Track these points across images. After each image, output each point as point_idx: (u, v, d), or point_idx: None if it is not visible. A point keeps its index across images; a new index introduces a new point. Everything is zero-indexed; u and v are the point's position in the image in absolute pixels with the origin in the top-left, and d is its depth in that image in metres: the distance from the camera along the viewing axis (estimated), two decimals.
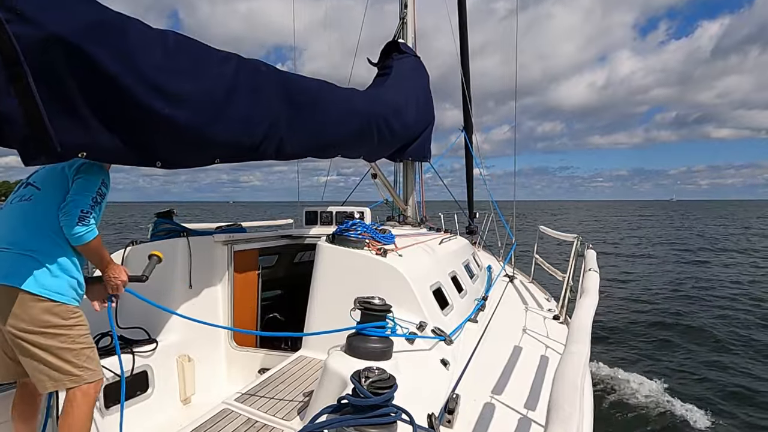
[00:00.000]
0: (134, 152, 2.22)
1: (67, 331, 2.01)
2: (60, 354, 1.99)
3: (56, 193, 2.09)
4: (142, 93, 2.08)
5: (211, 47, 2.54)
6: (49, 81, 1.73)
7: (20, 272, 1.94)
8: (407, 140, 5.00)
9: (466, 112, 7.15)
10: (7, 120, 1.63)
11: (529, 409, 2.16)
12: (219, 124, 2.51)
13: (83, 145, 1.93)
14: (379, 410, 1.39)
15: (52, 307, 1.97)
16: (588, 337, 1.42)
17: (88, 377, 2.04)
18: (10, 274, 1.94)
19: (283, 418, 2.04)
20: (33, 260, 1.97)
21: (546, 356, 2.95)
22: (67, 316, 2.01)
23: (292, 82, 3.10)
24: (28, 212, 2.09)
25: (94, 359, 2.08)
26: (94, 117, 1.96)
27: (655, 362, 7.40)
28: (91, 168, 2.15)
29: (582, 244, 4.34)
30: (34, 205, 2.09)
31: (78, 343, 2.03)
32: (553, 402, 1.02)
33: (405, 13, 5.87)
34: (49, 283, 1.97)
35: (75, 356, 2.02)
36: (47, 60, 1.70)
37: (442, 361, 2.31)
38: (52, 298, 1.97)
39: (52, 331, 1.98)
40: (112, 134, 2.06)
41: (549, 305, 4.80)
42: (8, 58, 1.57)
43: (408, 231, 4.61)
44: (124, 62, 1.98)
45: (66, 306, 2.01)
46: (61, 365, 2.00)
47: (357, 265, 2.73)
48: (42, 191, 2.12)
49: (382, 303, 2.03)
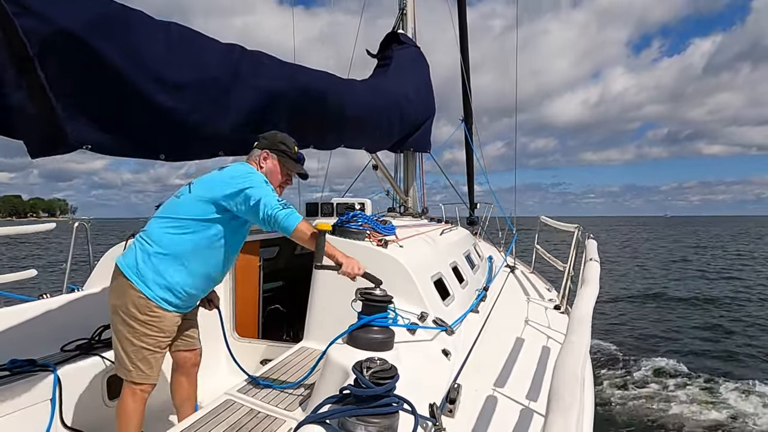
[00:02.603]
0: (138, 145, 2.23)
1: (137, 325, 2.06)
2: (122, 343, 2.08)
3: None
4: (146, 85, 2.08)
5: (212, 38, 2.52)
6: (56, 74, 1.72)
7: (131, 258, 2.08)
8: (409, 131, 4.98)
9: (466, 103, 7.11)
10: (18, 114, 1.63)
11: (530, 399, 2.17)
12: (221, 115, 2.51)
13: (89, 138, 1.94)
14: (380, 400, 1.40)
15: (136, 295, 2.04)
16: (588, 327, 1.42)
17: (136, 377, 2.09)
18: (125, 258, 2.11)
19: (285, 409, 2.05)
20: (146, 252, 2.07)
21: (547, 346, 2.96)
22: (144, 311, 2.05)
23: (294, 73, 3.09)
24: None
25: (151, 363, 2.11)
26: (99, 110, 1.97)
27: (657, 351, 7.43)
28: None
29: (582, 234, 4.34)
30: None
31: (140, 341, 2.07)
32: (554, 392, 1.03)
33: (404, 4, 5.82)
34: (145, 275, 2.05)
35: (133, 351, 2.07)
36: (54, 53, 1.70)
37: (444, 351, 2.32)
38: (138, 287, 2.04)
39: (127, 318, 2.05)
40: (116, 127, 2.07)
41: (550, 295, 4.81)
42: (18, 52, 1.57)
43: (409, 222, 4.61)
44: (129, 55, 1.98)
45: (147, 301, 2.05)
46: (120, 353, 2.09)
47: (358, 256, 2.74)
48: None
49: (384, 294, 2.03)
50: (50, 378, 2.26)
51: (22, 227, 4.27)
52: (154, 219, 2.15)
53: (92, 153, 2.07)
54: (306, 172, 2.43)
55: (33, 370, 2.26)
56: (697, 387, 5.96)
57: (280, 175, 2.31)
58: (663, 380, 6.18)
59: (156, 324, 2.07)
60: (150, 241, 2.09)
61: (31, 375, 2.23)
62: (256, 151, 2.31)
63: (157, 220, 2.14)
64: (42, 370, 2.27)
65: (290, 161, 2.32)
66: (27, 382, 2.19)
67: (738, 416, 5.18)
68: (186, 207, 2.11)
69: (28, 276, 4.38)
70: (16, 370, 2.22)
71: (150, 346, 2.08)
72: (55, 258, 20.09)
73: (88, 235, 4.19)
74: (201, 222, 2.09)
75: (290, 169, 2.33)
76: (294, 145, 2.34)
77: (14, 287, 3.99)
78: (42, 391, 2.23)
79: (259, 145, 2.31)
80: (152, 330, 2.07)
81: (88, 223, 4.25)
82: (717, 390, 5.85)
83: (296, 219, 2.07)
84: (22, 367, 2.24)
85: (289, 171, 2.33)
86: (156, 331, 2.08)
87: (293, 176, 2.40)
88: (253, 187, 2.05)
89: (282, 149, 2.30)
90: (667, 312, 10.27)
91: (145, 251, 2.08)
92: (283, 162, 2.30)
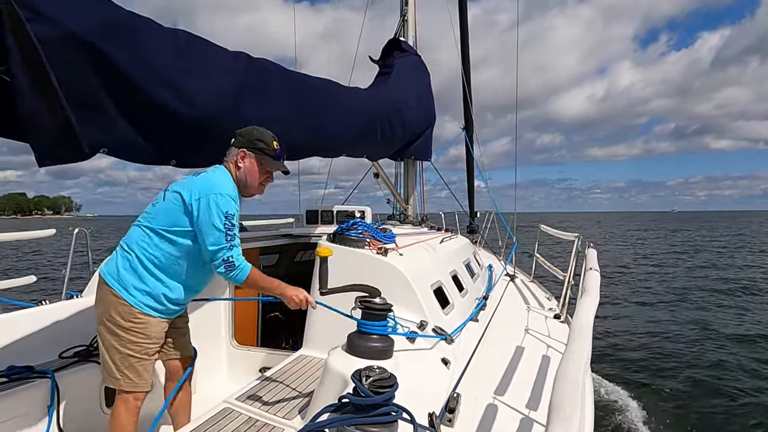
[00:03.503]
0: (149, 151, 2.24)
1: (122, 332, 2.04)
2: (109, 351, 2.07)
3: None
4: (157, 91, 2.10)
5: (219, 46, 2.55)
6: (69, 80, 1.73)
7: (112, 266, 2.08)
8: (410, 139, 5.00)
9: (467, 111, 7.13)
10: (32, 120, 1.63)
11: (530, 409, 2.16)
12: (230, 122, 2.52)
13: (102, 144, 1.95)
14: (380, 409, 1.39)
15: (118, 303, 2.02)
16: (589, 337, 1.42)
17: (124, 385, 2.07)
18: (106, 266, 2.11)
19: (284, 417, 2.04)
20: (126, 259, 2.07)
21: (547, 356, 2.95)
22: (127, 318, 2.03)
23: (298, 81, 3.11)
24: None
25: (138, 370, 2.08)
26: (110, 116, 1.98)
27: (659, 362, 7.39)
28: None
29: (582, 243, 4.33)
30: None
31: (126, 348, 2.05)
32: (554, 401, 1.02)
33: (406, 11, 5.85)
34: (125, 282, 2.03)
35: (120, 359, 2.05)
36: (66, 58, 1.71)
37: (443, 360, 2.31)
38: (119, 294, 2.02)
39: (111, 326, 2.04)
40: (128, 133, 2.08)
41: (550, 304, 4.80)
42: (30, 57, 1.57)
43: (409, 230, 4.61)
44: (139, 61, 1.99)
45: (130, 308, 2.03)
46: (108, 362, 2.07)
47: (358, 264, 2.73)
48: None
49: (383, 302, 2.03)
50: (48, 385, 2.25)
51: (21, 233, 4.26)
52: (134, 226, 2.12)
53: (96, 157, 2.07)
54: (286, 169, 2.34)
55: (31, 376, 2.24)
56: (700, 396, 5.93)
57: (259, 174, 2.23)
58: (665, 389, 6.15)
59: (140, 330, 2.05)
60: (129, 249, 2.07)
61: (29, 382, 2.21)
62: (233, 149, 2.22)
63: (135, 227, 2.11)
64: (40, 377, 2.25)
65: (268, 159, 2.22)
66: (24, 389, 2.18)
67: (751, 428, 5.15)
68: (161, 215, 2.06)
69: (27, 282, 4.38)
70: (13, 377, 2.20)
71: (136, 353, 2.06)
72: (55, 263, 20.05)
73: (87, 242, 4.19)
74: (173, 232, 2.04)
75: (269, 167, 2.24)
76: (273, 141, 2.24)
77: (13, 293, 3.98)
78: (39, 398, 2.22)
79: (236, 143, 2.22)
80: (137, 336, 2.05)
81: (88, 229, 4.25)
82: (724, 402, 5.82)
83: (239, 279, 2.06)
84: (20, 373, 2.23)
85: (267, 169, 2.25)
86: (142, 338, 2.06)
87: (274, 173, 2.32)
88: (205, 223, 1.99)
89: (260, 147, 2.20)
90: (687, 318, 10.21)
91: (125, 258, 2.06)
92: (260, 160, 2.21)
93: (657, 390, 6.16)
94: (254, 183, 2.22)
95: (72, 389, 2.36)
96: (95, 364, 2.52)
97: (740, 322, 9.70)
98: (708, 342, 8.35)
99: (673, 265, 19.88)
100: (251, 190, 2.24)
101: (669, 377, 6.65)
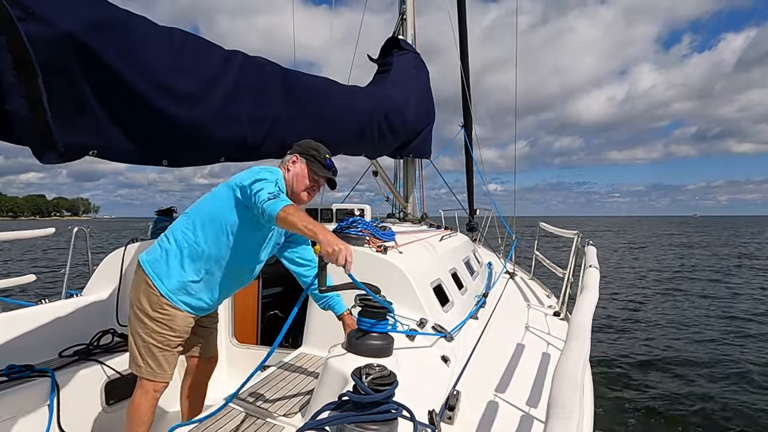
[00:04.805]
0: (141, 151, 2.23)
1: (147, 321, 2.07)
2: (135, 337, 2.10)
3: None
4: (150, 91, 2.08)
5: (215, 44, 2.54)
6: (60, 80, 1.72)
7: (152, 254, 2.13)
8: (409, 137, 5.00)
9: (466, 109, 7.12)
10: (17, 119, 1.62)
11: (530, 406, 2.16)
12: (224, 121, 2.51)
13: (92, 144, 1.94)
14: (380, 407, 1.39)
15: (149, 290, 2.06)
16: (588, 334, 1.42)
17: (146, 374, 2.09)
18: (147, 254, 2.15)
19: (284, 415, 2.04)
20: (165, 249, 2.11)
21: (547, 353, 2.95)
22: (155, 308, 2.07)
23: (295, 79, 3.10)
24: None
25: (160, 361, 2.10)
26: (102, 116, 1.96)
27: (659, 359, 7.40)
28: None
29: (582, 240, 4.34)
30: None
31: (150, 337, 2.08)
32: (553, 399, 1.02)
33: (404, 9, 5.84)
34: (160, 271, 2.07)
35: (143, 347, 2.08)
36: (57, 59, 1.69)
37: (443, 357, 2.31)
38: (152, 282, 2.06)
39: (138, 313, 2.08)
40: (119, 133, 2.07)
41: (549, 302, 4.80)
42: (20, 58, 1.56)
43: (408, 228, 4.61)
44: (132, 61, 1.98)
45: (159, 297, 2.06)
46: (133, 347, 2.11)
47: (357, 262, 2.73)
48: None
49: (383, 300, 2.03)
50: (48, 384, 2.25)
51: (21, 232, 4.26)
52: (180, 217, 2.21)
53: (97, 159, 2.07)
54: (334, 179, 2.39)
55: (30, 375, 2.25)
56: (702, 397, 5.94)
57: (307, 179, 2.29)
58: (667, 388, 6.16)
59: (165, 322, 2.08)
60: (170, 239, 2.13)
61: (29, 381, 2.22)
62: (287, 156, 2.34)
63: (181, 218, 2.19)
64: (39, 376, 2.26)
65: (317, 165, 2.30)
66: (24, 387, 2.18)
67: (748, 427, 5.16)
68: (207, 204, 2.15)
69: (27, 281, 4.38)
70: (13, 376, 2.21)
71: (159, 343, 2.09)
72: (54, 263, 20.04)
73: (87, 241, 4.19)
74: (217, 224, 2.10)
75: (317, 173, 2.30)
76: (326, 153, 2.34)
77: (13, 292, 3.98)
78: (39, 396, 2.22)
79: (292, 150, 2.35)
80: (162, 328, 2.08)
81: (88, 229, 4.25)
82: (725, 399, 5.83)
83: (276, 206, 1.86)
84: (20, 372, 2.24)
85: (316, 176, 2.31)
86: (166, 330, 2.09)
87: (322, 184, 2.37)
88: (257, 180, 2.03)
89: (312, 154, 2.30)
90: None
91: (164, 248, 2.12)
92: (310, 166, 2.29)
93: (657, 388, 6.18)
94: (301, 187, 2.28)
95: (72, 388, 2.37)
96: (95, 362, 2.53)
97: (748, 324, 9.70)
98: (708, 342, 8.36)
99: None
100: (296, 195, 2.28)
101: (669, 376, 6.67)
